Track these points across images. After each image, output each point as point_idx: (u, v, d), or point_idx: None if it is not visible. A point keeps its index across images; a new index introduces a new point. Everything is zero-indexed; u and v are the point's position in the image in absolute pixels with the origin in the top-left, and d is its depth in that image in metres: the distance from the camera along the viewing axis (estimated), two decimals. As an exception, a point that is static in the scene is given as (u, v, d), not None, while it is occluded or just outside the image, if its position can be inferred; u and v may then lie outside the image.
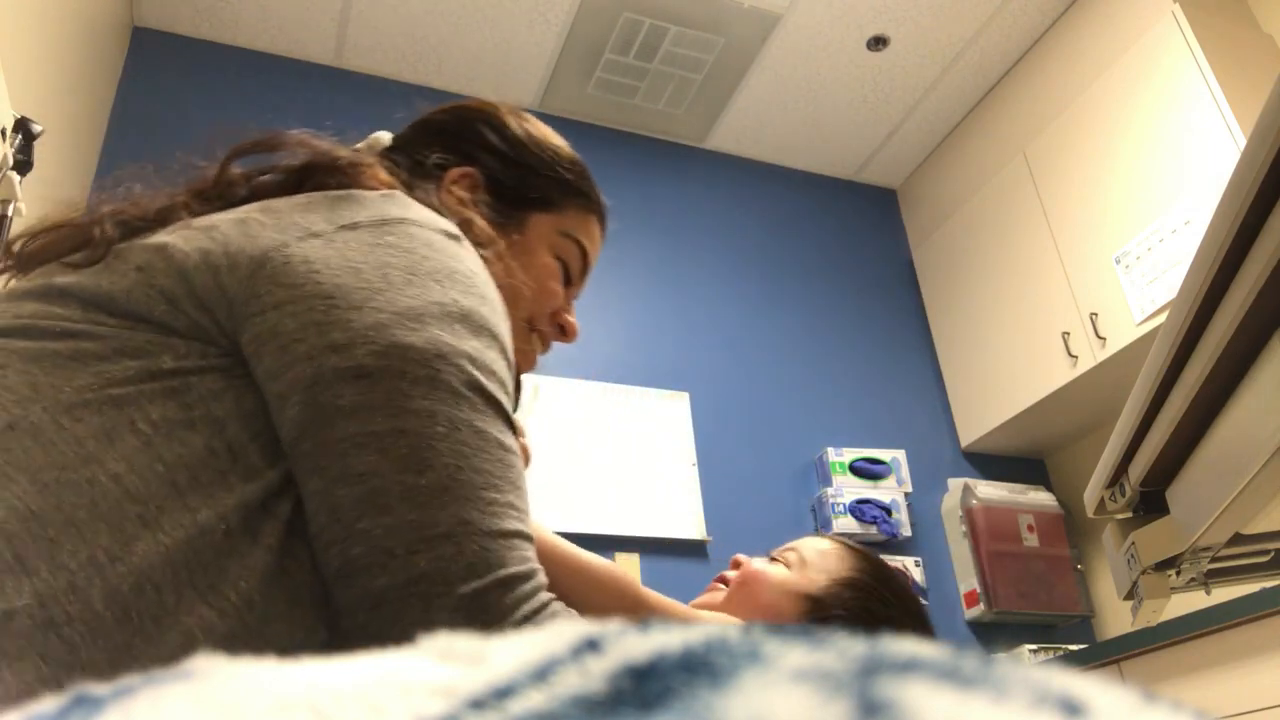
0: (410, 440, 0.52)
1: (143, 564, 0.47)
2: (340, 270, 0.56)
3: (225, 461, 0.52)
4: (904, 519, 2.96)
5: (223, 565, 0.50)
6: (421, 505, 0.51)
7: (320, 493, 0.52)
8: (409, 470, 0.51)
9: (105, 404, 0.52)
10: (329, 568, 0.52)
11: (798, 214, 3.59)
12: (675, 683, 0.17)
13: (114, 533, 0.48)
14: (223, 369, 0.55)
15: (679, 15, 2.98)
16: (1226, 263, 0.71)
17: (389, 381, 0.53)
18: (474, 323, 0.57)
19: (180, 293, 0.55)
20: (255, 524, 0.52)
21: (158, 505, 0.49)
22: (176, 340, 0.55)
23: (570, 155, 0.87)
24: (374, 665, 0.20)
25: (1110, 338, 2.72)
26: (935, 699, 0.16)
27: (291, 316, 0.54)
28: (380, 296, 0.55)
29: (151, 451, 0.51)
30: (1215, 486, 0.89)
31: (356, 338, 0.53)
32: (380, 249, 0.58)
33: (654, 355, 3.03)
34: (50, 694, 0.21)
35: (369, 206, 0.61)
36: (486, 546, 0.52)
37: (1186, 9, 2.63)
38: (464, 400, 0.54)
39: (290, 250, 0.56)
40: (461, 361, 0.55)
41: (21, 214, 1.73)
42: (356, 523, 0.51)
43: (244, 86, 2.96)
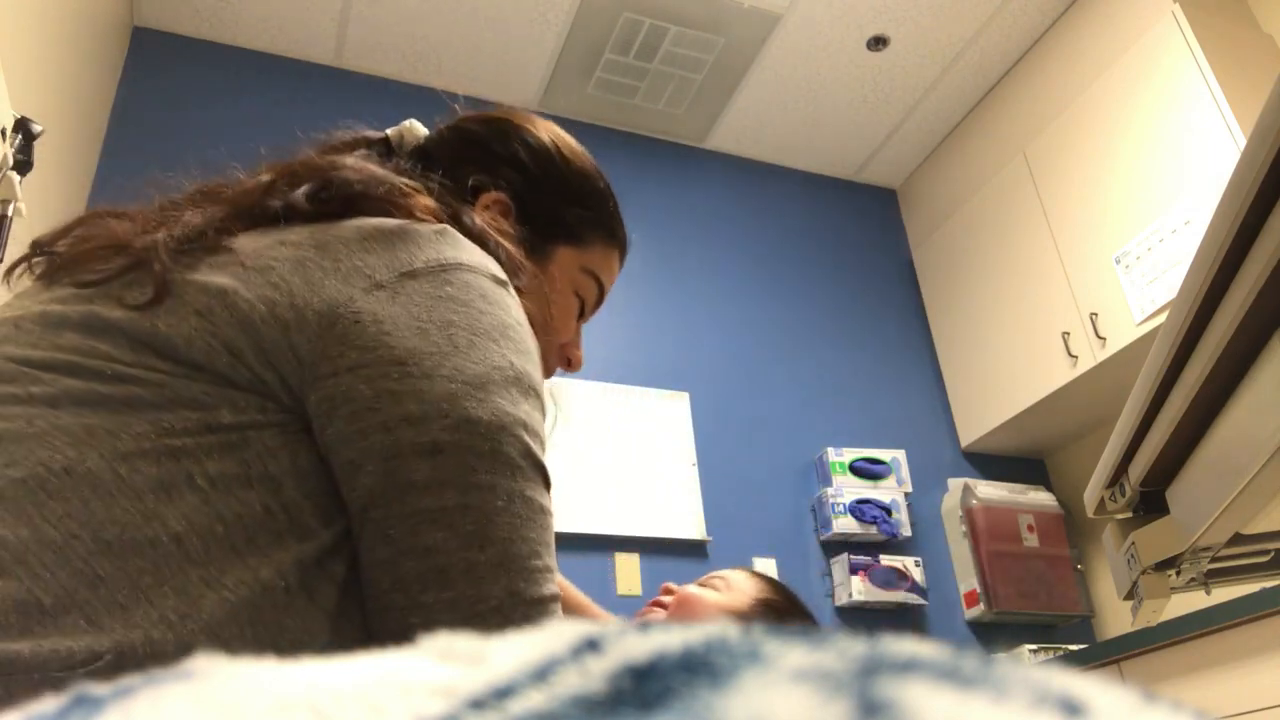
0: (474, 516, 0.54)
1: (211, 620, 0.48)
2: (408, 331, 0.56)
3: (282, 522, 0.53)
4: (904, 519, 2.95)
5: (283, 623, 0.51)
6: (479, 580, 0.53)
7: (386, 561, 0.54)
8: (472, 546, 0.54)
9: (163, 455, 0.51)
10: (384, 630, 0.54)
11: (798, 214, 3.59)
12: (675, 683, 0.17)
13: (179, 595, 0.48)
14: (280, 425, 0.55)
15: (679, 15, 2.98)
16: (1226, 263, 0.71)
17: (459, 457, 0.54)
18: (525, 385, 0.59)
19: (245, 346, 0.54)
20: (311, 583, 0.53)
21: (219, 568, 0.50)
22: (235, 393, 0.54)
23: (602, 186, 0.87)
24: (374, 665, 0.20)
25: (1110, 338, 2.72)
26: (935, 699, 0.16)
27: (366, 382, 0.54)
28: (448, 362, 0.56)
29: (211, 510, 0.51)
30: (1215, 486, 0.89)
31: (431, 411, 0.54)
32: (442, 304, 0.58)
33: (654, 355, 3.03)
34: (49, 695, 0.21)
35: (425, 248, 0.61)
36: (529, 615, 0.55)
37: (1186, 9, 2.63)
38: (519, 471, 0.57)
39: (358, 306, 0.56)
40: (519, 431, 0.57)
41: (22, 214, 1.73)
42: (420, 595, 0.53)
43: (244, 86, 2.96)
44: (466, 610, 0.53)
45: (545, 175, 0.83)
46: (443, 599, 0.53)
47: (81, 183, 2.52)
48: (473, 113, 0.87)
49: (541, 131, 0.86)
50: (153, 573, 0.48)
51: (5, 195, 1.69)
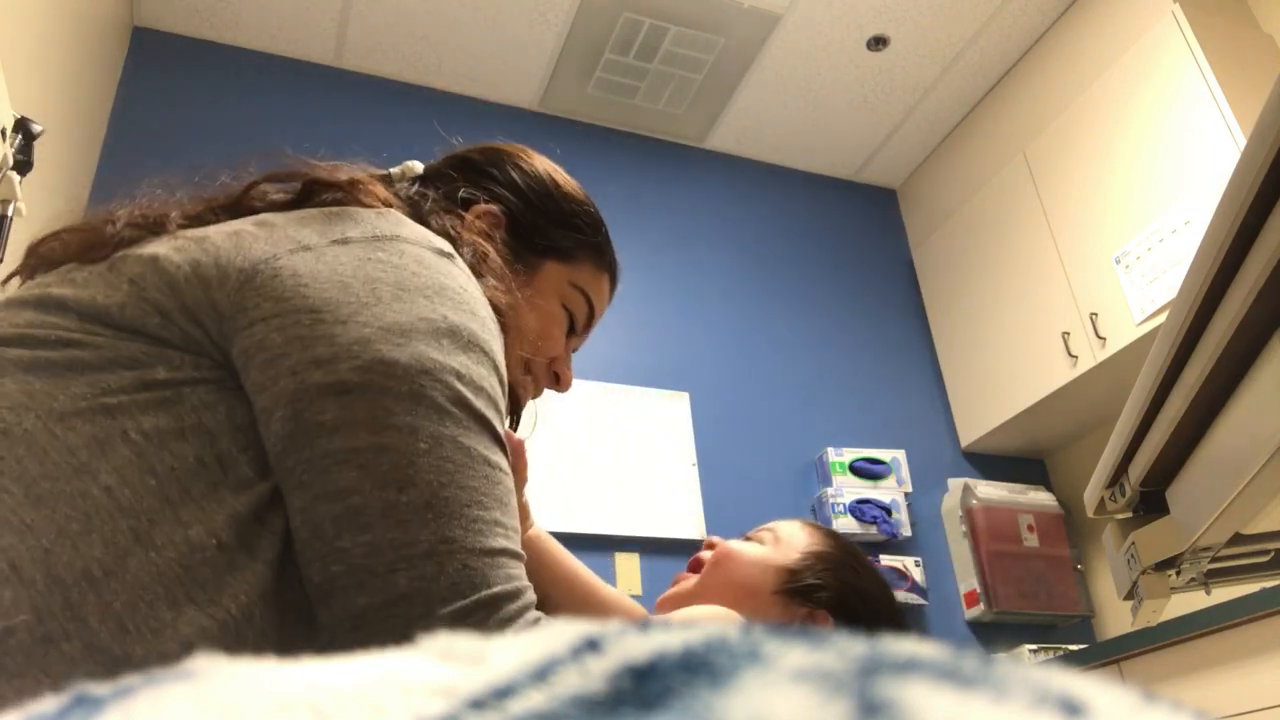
0: (391, 457, 0.51)
1: (135, 580, 0.48)
2: (328, 284, 0.56)
3: (216, 473, 0.52)
4: (904, 519, 2.96)
5: (220, 579, 0.50)
6: (402, 523, 0.51)
7: (303, 509, 0.52)
8: (390, 487, 0.51)
9: (98, 413, 0.52)
10: (311, 584, 0.52)
11: (798, 214, 3.59)
12: (675, 683, 0.17)
13: (107, 546, 0.48)
14: (215, 381, 0.55)
15: (679, 15, 2.98)
16: (1226, 263, 0.71)
17: (371, 397, 0.52)
18: (462, 338, 0.57)
19: (172, 305, 0.55)
20: (250, 538, 0.52)
21: (149, 519, 0.49)
22: (170, 351, 0.55)
23: (593, 211, 0.88)
24: (374, 665, 0.20)
25: (1110, 338, 2.72)
26: (935, 699, 0.16)
27: (278, 330, 0.54)
28: (366, 311, 0.55)
29: (143, 462, 0.51)
30: (1215, 486, 0.89)
31: (340, 353, 0.53)
32: (370, 264, 0.58)
33: (654, 355, 3.03)
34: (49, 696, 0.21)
35: (362, 223, 0.61)
36: (470, 565, 0.51)
37: (1186, 9, 2.63)
38: (448, 416, 0.54)
39: (280, 263, 0.56)
40: (447, 377, 0.55)
41: (21, 214, 1.73)
42: (336, 540, 0.51)
43: (244, 86, 2.96)
44: (390, 555, 0.50)
45: (538, 196, 0.84)
46: (361, 542, 0.50)
47: (81, 183, 2.52)
48: (472, 145, 0.89)
49: (537, 161, 0.88)
50: (81, 520, 0.48)
51: (5, 195, 1.69)
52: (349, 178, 0.69)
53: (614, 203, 3.28)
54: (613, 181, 3.32)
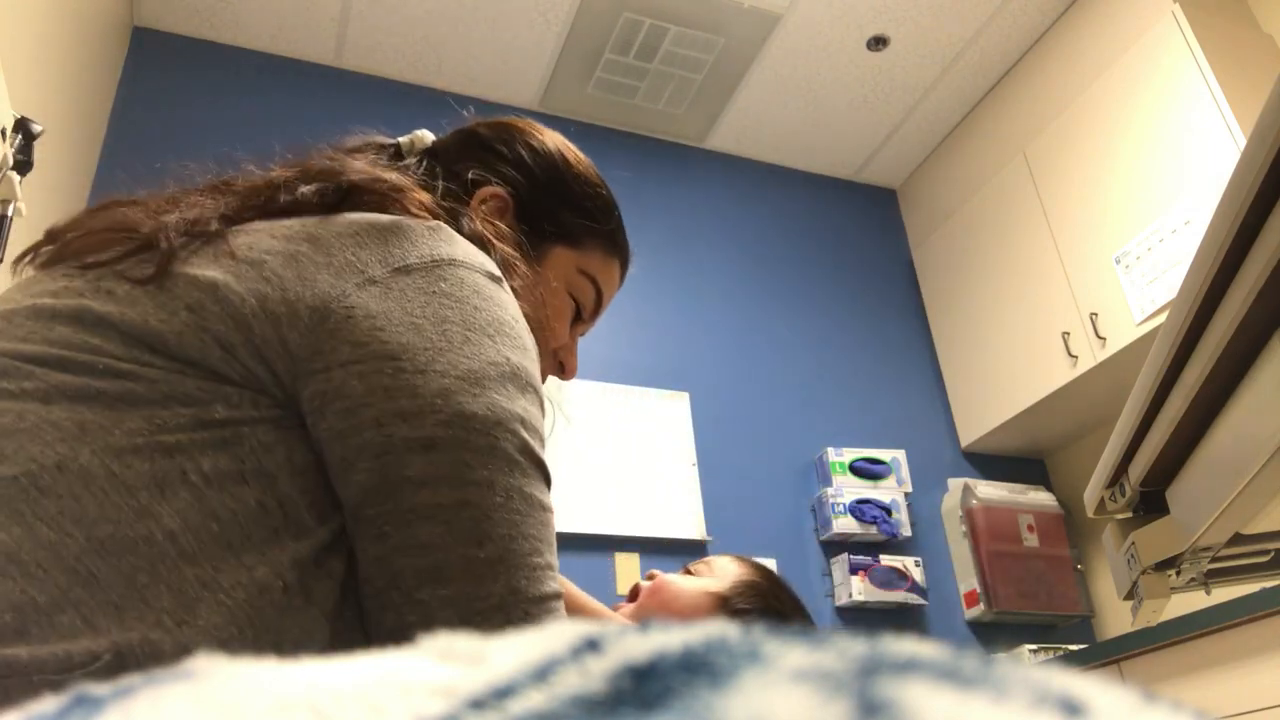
0: (472, 513, 0.53)
1: (208, 625, 0.47)
2: (401, 326, 0.56)
3: (277, 519, 0.52)
4: (904, 519, 2.95)
5: (281, 625, 0.50)
6: (478, 578, 0.52)
7: (380, 558, 0.53)
8: (470, 543, 0.52)
9: (156, 451, 0.50)
10: (379, 627, 0.53)
11: (798, 214, 3.59)
12: (675, 683, 0.17)
13: (175, 596, 0.47)
14: (275, 420, 0.54)
15: (679, 15, 2.98)
16: (1226, 263, 0.71)
17: (455, 453, 0.53)
18: (522, 380, 0.58)
19: (237, 341, 0.54)
20: (309, 583, 0.52)
21: (214, 566, 0.49)
22: (229, 389, 0.53)
23: (605, 195, 0.87)
24: (374, 665, 0.20)
25: (1110, 338, 2.72)
26: (935, 699, 0.16)
27: (359, 378, 0.54)
28: (442, 358, 0.55)
29: (205, 507, 0.50)
30: (1215, 486, 0.89)
31: (425, 406, 0.54)
32: (436, 300, 0.58)
33: (654, 355, 3.03)
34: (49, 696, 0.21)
35: (419, 244, 0.60)
36: (530, 613, 0.54)
37: (1186, 9, 2.63)
38: (517, 467, 0.56)
39: (351, 301, 0.56)
40: (515, 426, 0.56)
41: (22, 214, 1.73)
42: (416, 592, 0.52)
43: (244, 86, 2.96)
44: (465, 608, 0.52)
45: (547, 178, 0.82)
46: (439, 596, 0.52)
47: (81, 183, 2.52)
48: (482, 119, 0.87)
49: (548, 139, 0.86)
50: (148, 570, 0.47)
51: (5, 195, 1.69)
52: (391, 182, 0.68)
53: (614, 203, 3.27)
54: (613, 182, 3.30)
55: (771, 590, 1.06)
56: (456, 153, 0.82)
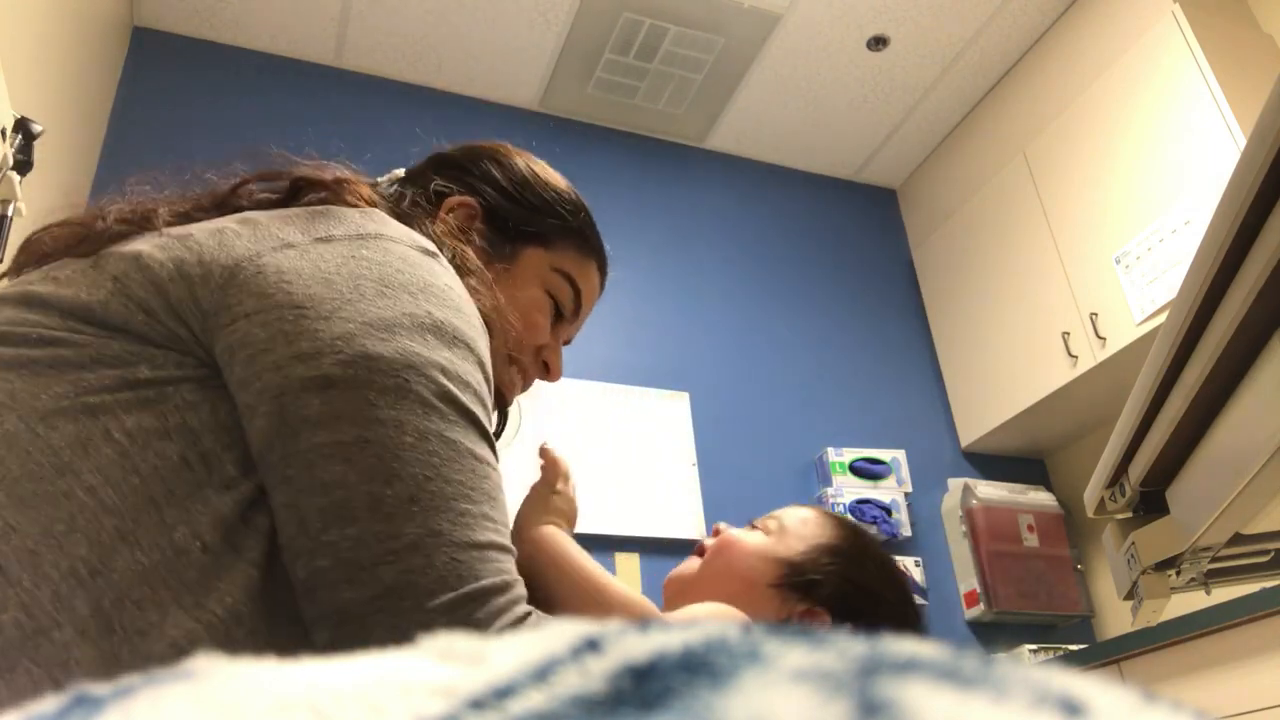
0: (377, 450, 0.51)
1: (122, 581, 0.47)
2: (312, 280, 0.56)
3: (200, 472, 0.52)
4: (904, 519, 2.96)
5: (206, 581, 0.49)
6: (388, 516, 0.50)
7: (288, 504, 0.52)
8: (375, 480, 0.51)
9: (80, 412, 0.51)
10: (296, 579, 0.52)
11: (798, 214, 3.59)
12: (675, 683, 0.17)
13: (92, 545, 0.48)
14: (199, 379, 0.55)
15: (679, 15, 2.98)
16: (1226, 263, 0.71)
17: (356, 391, 0.52)
18: (447, 334, 0.57)
19: (156, 304, 0.55)
20: (236, 538, 0.51)
21: (134, 519, 0.49)
22: (154, 350, 0.55)
23: (574, 199, 0.87)
24: (374, 665, 0.20)
25: (1110, 338, 2.72)
26: (935, 699, 0.16)
27: (261, 326, 0.54)
28: (350, 306, 0.55)
29: (127, 462, 0.50)
30: (1215, 486, 0.89)
31: (324, 347, 0.53)
32: (354, 261, 0.58)
33: (654, 355, 3.03)
34: (49, 694, 0.21)
35: (346, 222, 0.61)
36: (458, 558, 0.51)
37: (1186, 9, 2.63)
38: (434, 410, 0.54)
39: (264, 260, 0.56)
40: (433, 372, 0.54)
41: (21, 214, 1.73)
42: (322, 534, 0.50)
43: (244, 86, 2.96)
44: (376, 548, 0.50)
45: (514, 185, 0.84)
46: (347, 535, 0.50)
47: (81, 183, 2.52)
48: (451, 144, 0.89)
49: (516, 157, 0.87)
50: (65, 521, 0.48)
51: (5, 195, 1.69)
52: (335, 176, 0.69)
53: (614, 203, 3.27)
54: (613, 181, 3.32)
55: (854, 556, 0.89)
56: (424, 173, 0.84)
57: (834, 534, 0.91)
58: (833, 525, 0.93)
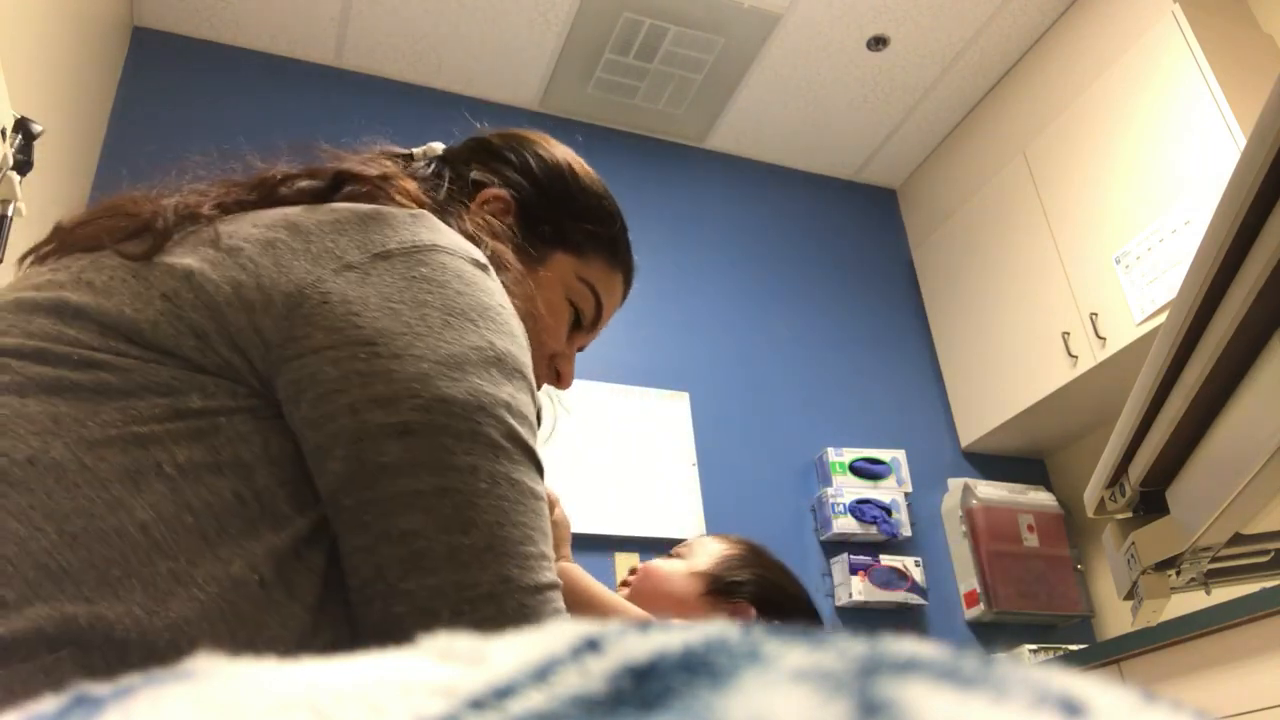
0: (454, 499, 0.51)
1: (179, 619, 0.46)
2: (379, 311, 0.54)
3: (254, 510, 0.51)
4: (904, 519, 2.95)
5: (260, 619, 0.49)
6: (465, 565, 0.51)
7: (364, 549, 0.51)
8: (454, 530, 0.51)
9: (130, 442, 0.50)
10: (366, 618, 0.52)
11: (798, 214, 3.59)
12: (675, 683, 0.17)
13: (148, 589, 0.46)
14: (251, 410, 0.53)
15: (679, 15, 2.98)
16: (1226, 263, 0.71)
17: (433, 438, 0.52)
18: (508, 366, 0.57)
19: (211, 329, 0.53)
20: (289, 576, 0.51)
21: (189, 559, 0.48)
22: (204, 378, 0.53)
23: (610, 206, 0.86)
24: (374, 665, 0.20)
25: (1110, 338, 2.72)
26: (935, 699, 0.16)
27: (333, 364, 0.52)
28: (421, 342, 0.54)
29: (179, 498, 0.49)
30: (1215, 486, 0.89)
31: (401, 391, 0.52)
32: (416, 285, 0.56)
33: (654, 355, 3.03)
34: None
35: (399, 229, 0.60)
36: (525, 603, 0.52)
37: (1186, 9, 2.63)
38: (503, 452, 0.54)
39: (327, 287, 0.55)
40: (500, 412, 0.55)
41: (21, 214, 1.73)
42: (401, 582, 0.50)
43: (244, 86, 2.96)
44: (454, 597, 0.50)
45: (552, 185, 0.82)
46: (426, 585, 0.50)
47: (81, 183, 2.52)
48: (496, 129, 0.88)
49: (557, 149, 0.86)
50: (120, 564, 0.46)
51: (5, 195, 1.69)
52: (380, 172, 0.68)
53: (614, 203, 3.27)
54: (613, 181, 3.30)
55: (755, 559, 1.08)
56: (465, 157, 0.82)
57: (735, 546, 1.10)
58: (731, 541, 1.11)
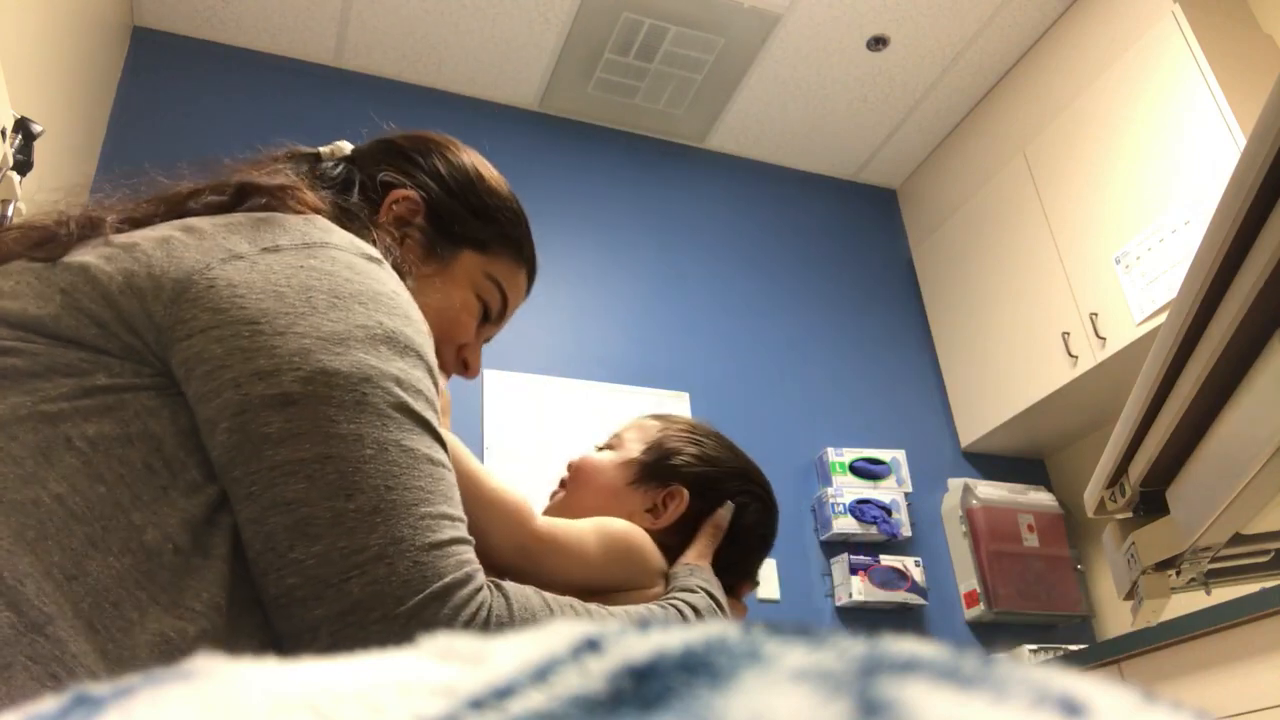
0: (338, 465, 0.52)
1: (97, 584, 0.48)
2: (264, 294, 0.56)
3: (165, 477, 0.53)
4: (904, 519, 2.95)
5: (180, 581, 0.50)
6: (351, 530, 0.51)
7: (254, 520, 0.52)
8: (338, 496, 0.52)
9: (40, 421, 0.52)
10: (266, 595, 0.53)
11: (798, 214, 3.59)
12: (675, 683, 0.17)
13: (65, 552, 0.48)
14: (157, 387, 0.55)
15: (679, 15, 2.98)
16: (1226, 263, 0.71)
17: (315, 408, 0.53)
18: (399, 343, 0.58)
19: (108, 317, 0.55)
20: (204, 539, 0.52)
21: (103, 526, 0.49)
22: (110, 359, 0.55)
23: (515, 206, 0.89)
24: (374, 665, 0.20)
25: (1110, 338, 2.72)
26: (935, 699, 0.16)
27: (217, 342, 0.54)
28: (304, 321, 0.55)
29: (91, 470, 0.51)
30: (1215, 486, 0.89)
31: (282, 364, 0.53)
32: (304, 272, 0.58)
33: (654, 355, 3.03)
34: (48, 692, 0.21)
35: (291, 230, 0.62)
36: (420, 561, 0.52)
37: (1186, 9, 2.63)
38: (391, 421, 0.55)
39: (214, 273, 0.57)
40: (387, 384, 0.56)
41: (21, 214, 1.73)
42: (290, 552, 0.51)
43: (244, 86, 2.96)
44: (341, 563, 0.51)
45: (460, 186, 0.85)
46: (313, 553, 0.51)
47: (81, 183, 2.52)
48: (402, 131, 0.90)
49: (464, 154, 0.88)
50: (36, 528, 0.48)
51: (5, 195, 1.69)
52: (280, 183, 0.70)
53: (614, 203, 3.28)
54: (613, 181, 3.32)
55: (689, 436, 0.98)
56: (373, 158, 0.84)
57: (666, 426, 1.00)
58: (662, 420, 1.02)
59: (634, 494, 0.94)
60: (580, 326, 2.96)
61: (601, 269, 3.13)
